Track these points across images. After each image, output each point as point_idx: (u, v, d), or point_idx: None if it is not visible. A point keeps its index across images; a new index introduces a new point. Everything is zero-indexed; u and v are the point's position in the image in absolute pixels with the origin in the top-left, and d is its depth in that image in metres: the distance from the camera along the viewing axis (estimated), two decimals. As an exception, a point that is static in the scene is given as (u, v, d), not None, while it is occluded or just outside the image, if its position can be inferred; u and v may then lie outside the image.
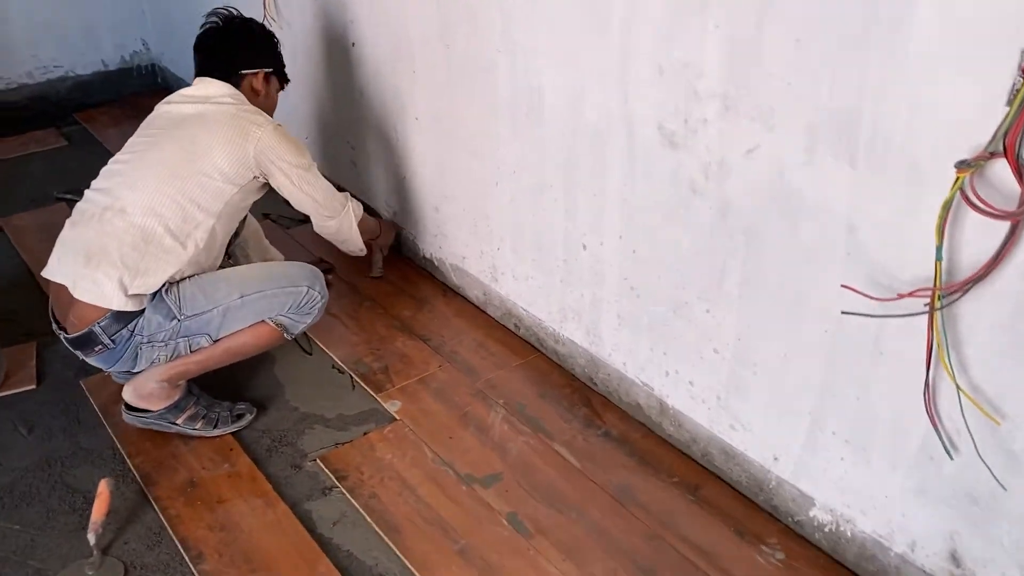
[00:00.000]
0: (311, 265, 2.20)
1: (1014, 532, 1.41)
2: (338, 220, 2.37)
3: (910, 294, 1.36)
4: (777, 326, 1.68)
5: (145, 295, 1.95)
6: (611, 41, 1.78)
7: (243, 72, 2.24)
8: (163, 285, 1.97)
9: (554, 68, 1.96)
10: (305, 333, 2.37)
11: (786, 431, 1.75)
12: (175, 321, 1.98)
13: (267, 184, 2.20)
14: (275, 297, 2.08)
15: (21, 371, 2.34)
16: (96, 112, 4.13)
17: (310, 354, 2.42)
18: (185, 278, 2.02)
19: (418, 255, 2.78)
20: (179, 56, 3.95)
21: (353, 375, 2.32)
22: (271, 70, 2.32)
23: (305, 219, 2.49)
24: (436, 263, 2.70)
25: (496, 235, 2.37)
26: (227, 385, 2.26)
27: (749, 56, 1.52)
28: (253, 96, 2.27)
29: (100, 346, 1.97)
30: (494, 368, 2.33)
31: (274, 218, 3.07)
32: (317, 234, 2.46)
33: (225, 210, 2.08)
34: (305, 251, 2.86)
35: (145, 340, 1.99)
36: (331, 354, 2.41)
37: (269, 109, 2.32)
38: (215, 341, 2.06)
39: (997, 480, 1.39)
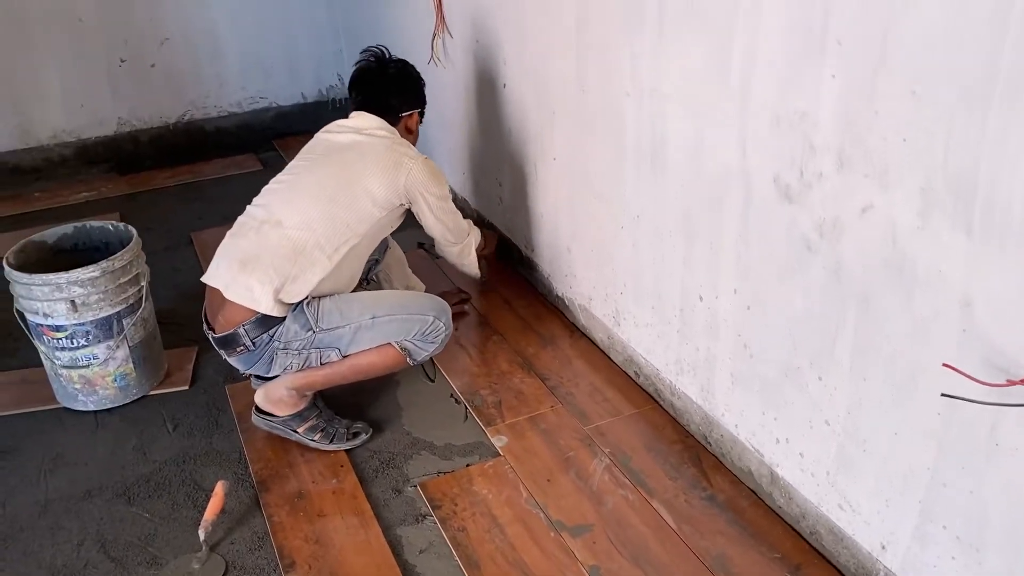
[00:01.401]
0: (442, 299, 2.29)
1: None
2: (460, 246, 2.49)
3: (1021, 381, 1.19)
4: (888, 403, 1.53)
5: (289, 303, 2.10)
6: (731, 87, 1.72)
7: (402, 115, 2.39)
8: (306, 296, 2.11)
9: (678, 114, 1.92)
10: (432, 360, 2.45)
11: (895, 518, 1.58)
12: (311, 332, 2.11)
13: (407, 211, 2.32)
14: (404, 322, 2.17)
15: (179, 372, 2.57)
16: (292, 140, 4.47)
17: (432, 381, 2.49)
18: (325, 295, 2.15)
19: (551, 293, 2.78)
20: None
21: (468, 406, 2.35)
22: (420, 109, 2.46)
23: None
24: (566, 302, 2.70)
25: (620, 279, 2.33)
26: (351, 403, 2.37)
27: (864, 108, 1.41)
28: (406, 133, 2.42)
29: (242, 347, 2.13)
30: (606, 415, 2.28)
31: (427, 248, 3.19)
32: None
33: (370, 231, 2.21)
34: (448, 280, 2.95)
35: (281, 346, 2.13)
36: (452, 383, 2.46)
37: (415, 141, 2.45)
38: (344, 357, 2.18)
39: None
